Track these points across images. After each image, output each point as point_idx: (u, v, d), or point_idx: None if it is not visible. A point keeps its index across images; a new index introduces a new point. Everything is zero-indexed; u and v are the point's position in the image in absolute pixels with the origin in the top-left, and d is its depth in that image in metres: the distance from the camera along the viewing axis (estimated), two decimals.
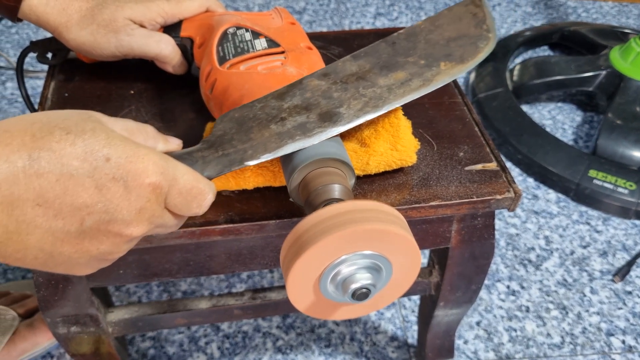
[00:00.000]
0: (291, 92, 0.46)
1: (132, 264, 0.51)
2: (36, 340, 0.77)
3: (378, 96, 0.45)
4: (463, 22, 0.51)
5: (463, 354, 0.81)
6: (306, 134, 0.42)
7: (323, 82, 0.46)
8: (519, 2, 1.58)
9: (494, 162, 0.52)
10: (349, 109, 0.44)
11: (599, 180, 1.02)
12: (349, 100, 0.45)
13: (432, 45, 0.49)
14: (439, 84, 0.46)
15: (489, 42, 0.49)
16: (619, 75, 1.15)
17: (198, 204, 0.38)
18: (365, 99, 0.45)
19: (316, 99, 0.45)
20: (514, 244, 0.96)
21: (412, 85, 0.46)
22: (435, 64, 0.48)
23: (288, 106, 0.44)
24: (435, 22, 0.52)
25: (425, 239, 0.54)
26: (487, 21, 0.51)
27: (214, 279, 0.89)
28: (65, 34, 0.53)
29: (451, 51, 0.49)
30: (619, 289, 0.90)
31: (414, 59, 0.48)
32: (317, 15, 1.52)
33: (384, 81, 0.47)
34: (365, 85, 0.46)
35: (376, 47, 0.50)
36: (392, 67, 0.48)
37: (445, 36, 0.50)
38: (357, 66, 0.48)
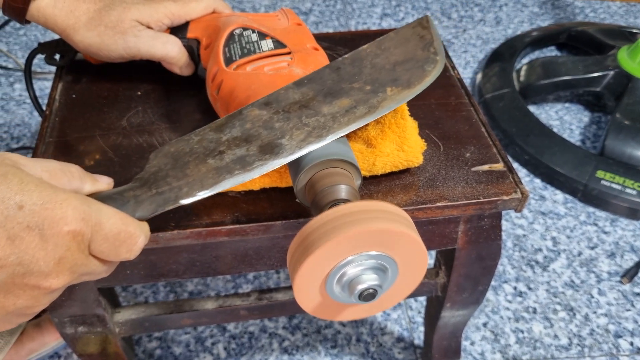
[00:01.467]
0: (230, 123, 0.44)
1: (139, 265, 0.51)
2: (44, 340, 0.77)
3: (322, 125, 0.43)
4: (410, 45, 0.49)
5: (470, 355, 0.81)
6: (245, 168, 0.41)
7: (264, 111, 0.45)
8: (526, 2, 1.58)
9: (501, 163, 0.52)
10: (291, 139, 0.42)
11: (606, 181, 1.01)
12: (292, 131, 0.43)
13: (378, 69, 0.48)
14: (385, 111, 0.44)
15: (437, 65, 0.47)
16: (627, 75, 1.14)
17: (128, 248, 0.36)
18: (308, 128, 0.43)
19: (257, 130, 0.43)
20: (521, 245, 0.96)
21: (357, 113, 0.44)
22: (382, 90, 0.46)
23: (227, 139, 0.43)
24: (381, 46, 0.50)
25: (431, 240, 0.54)
26: (435, 43, 0.49)
27: (220, 279, 0.89)
28: (72, 36, 0.53)
29: (398, 76, 0.47)
30: (627, 291, 0.90)
31: (360, 84, 0.46)
32: (323, 16, 1.52)
33: (328, 109, 0.45)
34: (308, 114, 0.44)
35: (320, 73, 0.48)
36: (337, 94, 0.46)
37: (392, 60, 0.48)
38: (300, 94, 0.46)
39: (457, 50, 1.40)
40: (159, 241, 0.46)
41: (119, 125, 0.55)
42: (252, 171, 0.41)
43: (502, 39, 1.43)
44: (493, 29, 1.47)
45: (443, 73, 0.63)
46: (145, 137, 0.54)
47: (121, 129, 0.55)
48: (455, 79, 0.62)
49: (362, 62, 0.48)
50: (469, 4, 1.57)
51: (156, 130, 0.55)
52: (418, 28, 0.50)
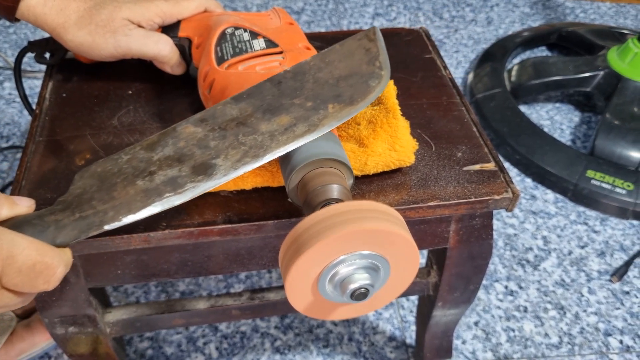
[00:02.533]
0: (163, 141, 0.42)
1: (130, 265, 0.51)
2: (34, 341, 0.77)
3: (259, 144, 0.41)
4: (355, 59, 0.47)
5: (461, 354, 0.81)
6: (177, 190, 0.39)
7: (199, 129, 0.42)
8: (517, 2, 1.58)
9: (492, 163, 0.52)
10: (226, 159, 0.40)
11: (596, 180, 1.02)
12: (227, 150, 0.41)
13: (320, 85, 0.45)
14: (326, 129, 0.42)
15: (381, 81, 0.45)
16: (617, 75, 1.15)
17: (45, 280, 0.34)
18: (244, 147, 0.41)
19: (190, 149, 0.41)
20: (512, 244, 0.97)
21: (296, 131, 0.42)
22: (323, 106, 0.44)
23: (159, 158, 0.40)
24: (325, 59, 0.47)
25: (423, 239, 0.54)
26: (380, 57, 0.46)
27: (212, 279, 0.89)
28: (63, 35, 0.53)
29: (341, 91, 0.45)
30: (616, 289, 0.90)
31: (301, 100, 0.44)
32: (316, 15, 1.52)
33: (267, 127, 0.43)
34: (245, 131, 0.42)
35: (260, 87, 0.46)
36: (276, 110, 0.44)
37: (336, 74, 0.46)
38: (238, 110, 0.44)
39: (449, 50, 1.41)
40: (150, 241, 0.46)
41: (110, 125, 0.55)
42: (184, 194, 0.39)
43: (494, 39, 1.43)
44: (484, 29, 1.48)
45: (434, 73, 0.63)
46: (137, 137, 0.54)
47: (112, 128, 0.54)
48: (447, 79, 0.62)
49: (305, 76, 0.46)
50: (460, 4, 1.57)
51: (147, 130, 0.54)
52: (364, 40, 0.48)
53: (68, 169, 0.50)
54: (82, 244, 0.45)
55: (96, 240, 0.45)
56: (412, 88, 0.61)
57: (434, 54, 0.66)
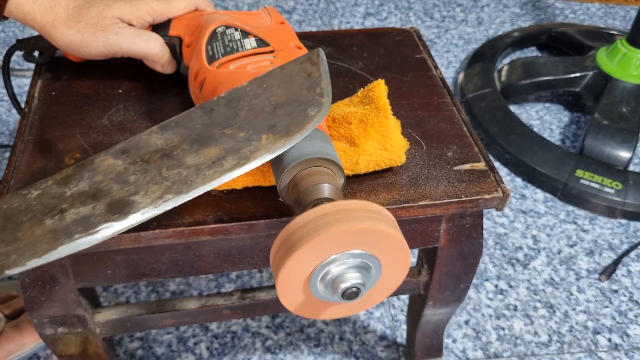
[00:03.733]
0: (79, 174, 0.39)
1: (120, 264, 0.51)
2: (22, 342, 0.76)
3: (183, 180, 0.38)
4: (295, 84, 0.43)
5: (452, 353, 0.82)
6: (88, 230, 0.36)
7: (119, 161, 0.39)
8: (507, 3, 1.59)
9: (483, 162, 0.52)
10: (146, 196, 0.37)
11: (585, 180, 1.02)
12: (148, 186, 0.38)
13: (255, 113, 0.42)
14: (257, 162, 0.40)
15: (321, 109, 0.42)
16: (606, 76, 1.16)
17: None
18: (167, 183, 0.38)
19: (108, 184, 0.38)
20: (502, 243, 0.97)
21: (225, 165, 0.39)
22: (256, 137, 0.40)
23: (72, 193, 0.37)
24: (263, 84, 0.44)
25: (414, 239, 0.54)
26: (322, 83, 0.43)
27: (203, 279, 0.89)
28: (52, 33, 0.52)
29: (276, 121, 0.41)
30: (605, 288, 0.91)
31: (232, 130, 0.41)
32: (307, 14, 1.51)
33: (193, 160, 0.39)
34: (170, 165, 0.39)
35: (191, 115, 0.42)
36: (205, 141, 0.40)
37: (273, 101, 0.43)
38: (164, 140, 0.40)
39: (440, 50, 1.41)
40: (140, 241, 0.46)
41: (100, 124, 0.54)
42: (96, 234, 0.36)
43: (484, 39, 1.44)
44: (475, 29, 1.49)
45: (425, 73, 0.63)
46: (127, 136, 0.53)
47: (102, 127, 0.54)
48: (438, 79, 0.62)
49: (240, 103, 0.43)
50: (451, 4, 1.58)
51: (138, 129, 0.54)
52: (306, 64, 0.45)
53: (57, 168, 0.50)
54: None
55: None
56: (403, 88, 0.61)
57: (424, 54, 0.66)
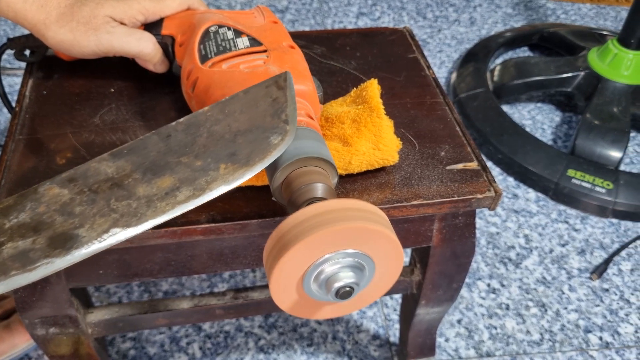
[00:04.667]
0: (20, 205, 0.36)
1: (113, 264, 0.51)
2: (13, 342, 0.76)
3: (132, 212, 0.36)
4: (259, 109, 0.41)
5: (444, 352, 0.82)
6: (26, 266, 0.34)
7: (66, 190, 0.37)
8: (499, 3, 1.60)
9: (475, 162, 0.53)
10: (92, 230, 0.35)
11: (577, 179, 1.03)
12: (94, 218, 0.36)
13: (215, 140, 0.40)
14: (214, 194, 0.38)
15: (285, 137, 0.39)
16: (597, 76, 1.16)
17: None
18: (115, 215, 0.36)
19: (51, 216, 0.35)
20: (494, 242, 0.97)
21: (178, 197, 0.37)
22: (214, 167, 0.38)
23: (11, 226, 0.35)
24: (225, 109, 0.42)
25: (407, 238, 0.54)
26: (288, 109, 0.41)
27: (196, 278, 0.89)
28: (44, 32, 0.52)
29: (237, 149, 0.39)
30: (596, 287, 0.92)
31: (189, 159, 0.39)
32: (300, 14, 1.51)
33: (145, 190, 0.37)
34: (119, 195, 0.37)
35: (146, 141, 0.40)
36: (160, 170, 0.38)
37: (234, 128, 0.40)
38: (115, 168, 0.38)
39: (432, 50, 1.41)
40: (132, 240, 0.46)
41: (92, 123, 0.54)
42: (34, 271, 0.34)
43: (477, 39, 1.44)
44: (467, 29, 1.49)
45: (418, 72, 0.63)
46: (119, 135, 0.53)
47: (94, 126, 0.54)
48: (430, 79, 0.62)
49: (199, 129, 0.41)
50: (444, 4, 1.58)
51: (130, 128, 0.54)
52: (272, 88, 0.42)
53: (49, 167, 0.50)
54: None
55: None
56: (396, 87, 0.61)
57: (417, 54, 0.66)
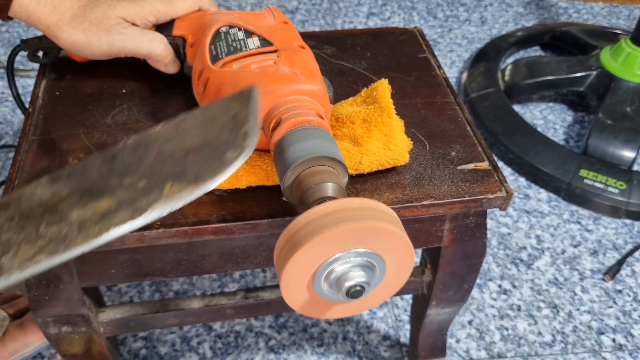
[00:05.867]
0: None
1: (124, 264, 0.51)
2: (26, 341, 0.76)
3: (61, 238, 0.35)
4: (215, 126, 0.39)
5: (455, 353, 0.82)
6: None
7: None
8: (510, 2, 1.59)
9: (486, 162, 0.52)
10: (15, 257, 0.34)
11: (589, 179, 1.02)
12: (20, 245, 0.34)
13: (163, 159, 0.38)
14: (154, 215, 0.36)
15: (242, 153, 0.37)
16: (610, 75, 1.15)
17: None
18: (42, 242, 0.34)
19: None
20: (505, 243, 0.97)
21: (114, 220, 0.35)
22: (158, 186, 0.37)
23: None
24: (179, 127, 0.40)
25: (417, 238, 0.54)
26: (248, 124, 0.38)
27: (206, 278, 0.89)
28: (56, 33, 0.52)
29: (186, 167, 0.37)
30: (609, 288, 0.91)
31: (133, 179, 0.37)
32: (310, 14, 1.51)
33: (79, 214, 0.36)
34: (51, 220, 0.35)
35: (88, 163, 0.39)
36: (99, 192, 0.37)
37: (186, 146, 0.38)
38: (51, 193, 0.37)
39: (443, 49, 1.41)
40: (144, 240, 0.46)
41: (104, 123, 0.55)
42: None
43: (487, 39, 1.44)
44: (478, 28, 1.48)
45: (429, 72, 0.63)
46: (130, 135, 0.53)
47: (106, 127, 0.54)
48: (441, 78, 0.62)
49: (147, 148, 0.39)
50: (454, 4, 1.58)
51: (141, 129, 0.54)
52: (233, 103, 0.40)
53: (61, 167, 0.50)
54: None
55: None
56: (407, 87, 0.61)
57: (428, 54, 0.66)
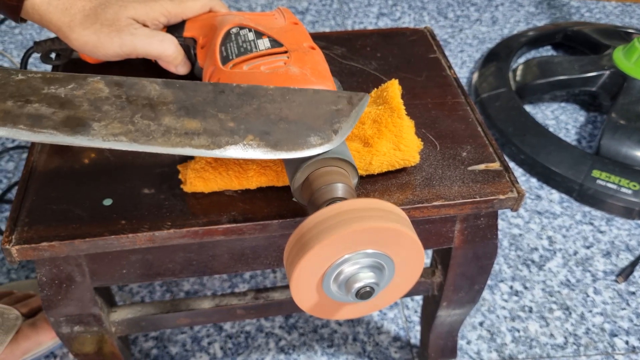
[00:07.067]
0: (66, 82, 0.39)
1: (136, 264, 0.51)
2: (39, 340, 0.77)
3: (146, 132, 0.38)
4: (318, 111, 0.41)
5: (466, 355, 0.81)
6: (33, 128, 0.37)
7: (108, 89, 0.40)
8: (522, 2, 1.58)
9: (497, 162, 0.52)
10: (104, 128, 0.38)
11: (602, 180, 1.01)
12: (113, 121, 0.38)
13: (259, 114, 0.40)
14: (226, 155, 0.39)
15: (325, 143, 0.40)
16: (623, 75, 1.14)
17: None
18: (130, 127, 0.38)
19: (82, 102, 0.38)
20: (517, 244, 0.96)
21: (193, 141, 0.38)
22: (242, 134, 0.39)
23: (47, 93, 0.38)
24: (286, 95, 0.42)
25: (428, 239, 0.54)
26: (344, 123, 0.41)
27: (217, 278, 0.89)
28: (68, 34, 0.53)
29: (273, 130, 0.40)
30: (622, 290, 0.90)
31: (226, 117, 0.40)
32: (320, 15, 1.52)
33: (170, 121, 0.39)
34: (146, 115, 0.39)
35: (199, 86, 0.42)
36: (195, 113, 0.40)
37: (284, 114, 0.41)
38: (159, 93, 0.41)
39: (454, 49, 1.40)
40: (155, 240, 0.46)
41: None
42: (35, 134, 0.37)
43: (498, 39, 1.43)
44: (489, 28, 1.48)
45: (439, 72, 0.63)
46: None
47: None
48: (452, 79, 0.62)
49: (252, 99, 0.42)
50: (465, 4, 1.57)
51: None
52: (343, 99, 0.42)
53: (74, 168, 0.50)
54: (87, 244, 0.45)
55: (101, 239, 0.45)
56: (417, 88, 0.60)
57: (438, 54, 0.66)
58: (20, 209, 0.47)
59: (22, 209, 0.47)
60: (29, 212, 0.47)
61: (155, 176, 0.50)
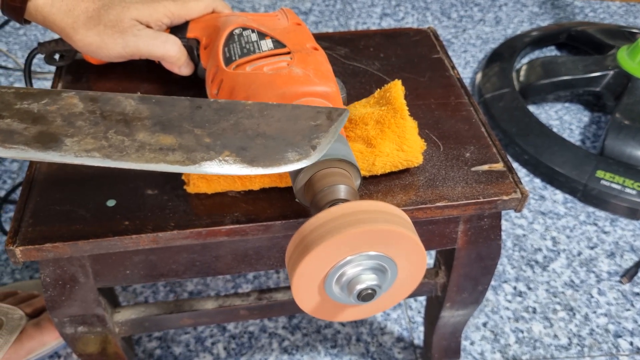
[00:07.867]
0: (39, 97, 0.39)
1: (139, 265, 0.51)
2: (43, 340, 0.77)
3: (120, 148, 0.38)
4: (297, 125, 0.41)
5: (469, 355, 0.81)
6: (4, 143, 0.37)
7: (82, 104, 0.40)
8: (525, 2, 1.58)
9: (501, 163, 0.52)
10: (77, 144, 0.37)
11: (606, 180, 1.01)
12: (86, 137, 0.38)
13: (236, 130, 0.40)
14: (201, 171, 0.38)
15: (302, 160, 0.39)
16: (627, 75, 1.14)
17: None
18: (104, 143, 0.38)
19: (55, 117, 0.38)
20: (520, 244, 0.96)
21: (168, 157, 0.38)
22: (218, 150, 0.39)
23: (20, 108, 0.38)
24: (264, 110, 0.42)
25: (431, 240, 0.54)
26: (323, 139, 0.40)
27: (220, 279, 0.89)
28: (72, 35, 0.53)
29: (250, 146, 0.39)
30: (626, 290, 0.90)
31: (202, 132, 0.40)
32: (323, 16, 1.51)
33: (144, 137, 0.39)
34: (120, 130, 0.39)
35: (177, 101, 0.42)
36: (170, 128, 0.39)
37: (261, 130, 0.40)
38: (134, 108, 0.40)
39: (457, 50, 1.40)
40: (158, 241, 0.46)
41: None
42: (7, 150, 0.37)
43: (502, 39, 1.43)
44: (493, 28, 1.47)
45: (442, 73, 0.63)
46: None
47: None
48: (455, 79, 0.62)
49: (229, 115, 0.41)
50: (468, 4, 1.57)
51: None
52: (322, 115, 0.42)
53: (77, 169, 0.51)
54: (91, 244, 0.45)
55: (105, 240, 0.45)
56: (420, 88, 0.60)
57: (442, 54, 0.66)
58: (24, 210, 0.48)
59: (26, 209, 0.48)
60: (33, 213, 0.47)
61: (159, 177, 0.50)
